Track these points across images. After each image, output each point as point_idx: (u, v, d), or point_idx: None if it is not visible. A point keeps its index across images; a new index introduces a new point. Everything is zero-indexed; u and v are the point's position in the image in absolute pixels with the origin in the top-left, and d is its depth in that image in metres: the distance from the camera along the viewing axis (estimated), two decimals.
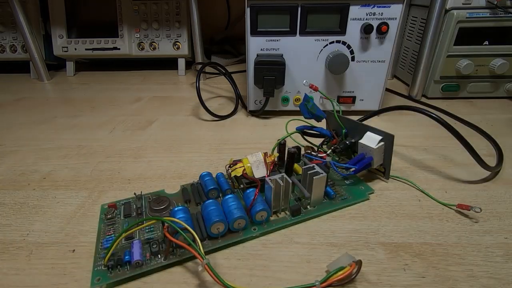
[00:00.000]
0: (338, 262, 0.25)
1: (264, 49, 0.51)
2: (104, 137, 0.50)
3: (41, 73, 0.80)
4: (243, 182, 0.34)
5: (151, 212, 0.31)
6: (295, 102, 0.56)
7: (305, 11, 0.48)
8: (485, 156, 0.37)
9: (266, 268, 0.27)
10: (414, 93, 0.63)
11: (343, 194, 0.34)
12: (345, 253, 0.26)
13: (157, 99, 0.67)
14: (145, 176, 0.39)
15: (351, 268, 0.24)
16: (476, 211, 0.30)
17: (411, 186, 0.37)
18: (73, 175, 0.40)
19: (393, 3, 0.48)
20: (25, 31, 0.74)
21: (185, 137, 0.50)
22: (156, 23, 0.80)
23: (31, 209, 0.34)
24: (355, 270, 0.24)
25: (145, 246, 0.27)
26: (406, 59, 0.72)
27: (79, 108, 0.62)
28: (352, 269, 0.24)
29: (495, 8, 0.54)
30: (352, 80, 0.54)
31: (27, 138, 0.50)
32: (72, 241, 0.29)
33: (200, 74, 0.57)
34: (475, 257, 0.27)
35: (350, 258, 0.25)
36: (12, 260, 0.27)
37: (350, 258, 0.25)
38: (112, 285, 0.25)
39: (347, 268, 0.24)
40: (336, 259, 0.25)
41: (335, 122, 0.39)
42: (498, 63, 0.57)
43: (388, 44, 0.51)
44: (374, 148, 0.34)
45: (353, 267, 0.24)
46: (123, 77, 0.84)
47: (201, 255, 0.24)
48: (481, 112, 0.58)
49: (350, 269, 0.24)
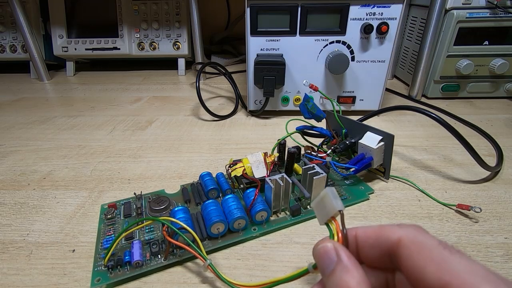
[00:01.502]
0: (322, 203, 0.19)
1: (264, 49, 0.52)
2: (104, 137, 0.50)
3: (41, 73, 0.80)
4: (243, 182, 0.34)
5: (151, 212, 0.31)
6: (295, 102, 0.56)
7: (305, 11, 0.48)
8: (485, 156, 0.37)
9: (266, 268, 0.27)
10: (414, 93, 0.63)
11: (343, 194, 0.34)
12: (328, 192, 0.18)
13: (157, 99, 0.67)
14: (145, 176, 0.39)
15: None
16: (476, 211, 0.30)
17: (411, 186, 0.37)
18: (73, 175, 0.40)
19: (393, 3, 0.48)
20: (25, 31, 0.74)
21: (185, 137, 0.50)
22: (156, 23, 0.80)
23: (31, 209, 0.34)
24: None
25: (145, 247, 0.27)
26: (406, 59, 0.72)
27: (79, 108, 0.62)
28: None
29: (495, 8, 0.54)
30: (352, 80, 0.54)
31: (27, 138, 0.50)
32: (72, 241, 0.29)
33: (200, 74, 0.57)
34: (475, 257, 0.27)
35: (334, 200, 0.18)
36: (12, 260, 0.27)
37: (334, 200, 0.18)
38: (112, 285, 0.25)
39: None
40: (320, 199, 0.19)
41: (335, 122, 0.39)
42: (498, 63, 0.57)
43: (388, 44, 0.51)
44: (374, 148, 0.34)
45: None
46: (123, 77, 0.84)
47: (203, 256, 0.24)
48: (481, 112, 0.57)
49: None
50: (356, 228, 0.18)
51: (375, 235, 0.17)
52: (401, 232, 0.16)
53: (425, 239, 0.15)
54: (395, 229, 0.17)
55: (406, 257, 0.15)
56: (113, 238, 0.28)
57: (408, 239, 0.16)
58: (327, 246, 0.17)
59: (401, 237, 0.16)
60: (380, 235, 0.17)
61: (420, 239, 0.15)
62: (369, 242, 0.18)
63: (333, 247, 0.17)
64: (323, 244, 0.17)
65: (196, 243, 0.25)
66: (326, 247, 0.17)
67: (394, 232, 0.16)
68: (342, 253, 0.16)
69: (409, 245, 0.15)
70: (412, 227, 0.16)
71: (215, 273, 0.24)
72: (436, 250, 0.15)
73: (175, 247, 0.27)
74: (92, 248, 0.28)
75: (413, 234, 0.16)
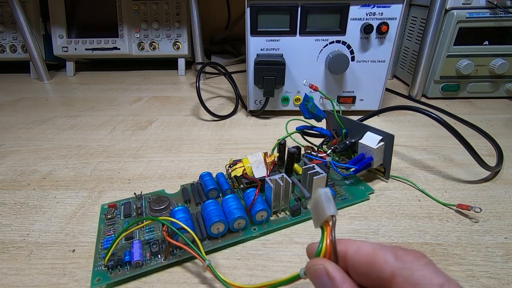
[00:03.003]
0: (316, 205, 0.18)
1: (264, 49, 0.51)
2: (104, 137, 0.50)
3: (41, 73, 0.80)
4: (243, 182, 0.34)
5: (151, 212, 0.31)
6: (295, 102, 0.56)
7: (305, 11, 0.48)
8: (485, 156, 0.37)
9: (266, 268, 0.27)
10: (414, 93, 0.63)
11: (343, 194, 0.34)
12: (321, 194, 0.17)
13: (157, 99, 0.67)
14: (145, 176, 0.39)
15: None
16: (476, 211, 0.30)
17: (411, 186, 0.37)
18: (73, 175, 0.40)
19: (393, 3, 0.48)
20: (25, 31, 0.74)
21: (185, 137, 0.50)
22: (156, 23, 0.80)
23: (31, 209, 0.34)
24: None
25: (145, 246, 0.27)
26: (406, 59, 0.72)
27: (79, 108, 0.62)
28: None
29: (495, 8, 0.54)
30: (352, 80, 0.54)
31: (27, 138, 0.50)
32: (72, 241, 0.29)
33: (200, 74, 0.57)
34: (475, 257, 0.27)
35: (327, 204, 0.17)
36: (12, 260, 0.27)
37: (328, 204, 0.17)
38: (112, 285, 0.25)
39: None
40: (314, 201, 0.18)
41: (335, 122, 0.39)
42: (498, 63, 0.57)
43: (388, 44, 0.51)
44: (374, 148, 0.34)
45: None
46: (123, 77, 0.84)
47: (202, 257, 0.24)
48: (481, 112, 0.58)
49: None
50: (347, 244, 0.17)
51: (366, 263, 0.15)
52: (396, 265, 0.14)
53: (422, 279, 0.13)
54: (390, 260, 0.15)
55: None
56: (113, 238, 0.28)
57: (403, 278, 0.14)
58: (319, 268, 0.16)
59: (395, 273, 0.14)
60: (372, 265, 0.15)
61: (416, 277, 0.13)
62: (359, 269, 0.16)
63: (324, 270, 0.15)
64: (315, 266, 0.16)
65: (195, 243, 0.25)
66: (318, 270, 0.16)
67: (389, 265, 0.14)
68: (335, 276, 0.15)
69: (403, 285, 0.13)
70: (411, 257, 0.14)
71: (213, 273, 0.23)
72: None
73: (175, 247, 0.27)
74: (92, 248, 0.28)
75: (409, 272, 0.14)
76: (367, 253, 0.16)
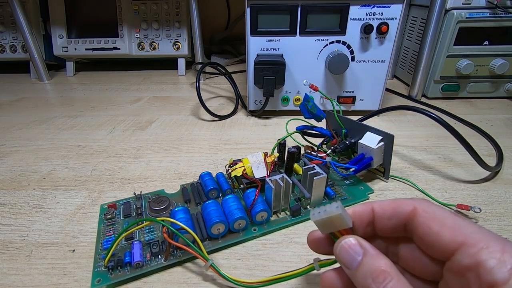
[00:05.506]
0: (330, 221, 0.19)
1: (264, 49, 0.51)
2: (104, 137, 0.50)
3: (41, 73, 0.80)
4: (243, 182, 0.34)
5: (151, 212, 0.31)
6: (295, 102, 0.56)
7: (305, 11, 0.48)
8: (485, 156, 0.37)
9: (266, 268, 0.27)
10: (414, 93, 0.63)
11: (343, 194, 0.34)
12: (341, 213, 0.18)
13: (157, 99, 0.67)
14: (145, 176, 0.39)
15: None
16: (476, 211, 0.30)
17: (411, 186, 0.37)
18: (73, 175, 0.40)
19: (393, 3, 0.48)
20: (25, 31, 0.74)
21: (185, 137, 0.50)
22: (156, 23, 0.80)
23: (31, 209, 0.34)
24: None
25: (145, 247, 0.27)
26: (406, 59, 0.72)
27: (79, 108, 0.62)
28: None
29: (495, 8, 0.54)
30: (352, 80, 0.54)
31: (27, 138, 0.50)
32: (72, 241, 0.29)
33: (200, 74, 0.57)
34: None
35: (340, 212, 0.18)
36: (12, 260, 0.27)
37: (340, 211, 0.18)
38: (112, 285, 0.25)
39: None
40: (327, 218, 0.19)
41: (335, 122, 0.39)
42: (498, 63, 0.57)
43: (388, 44, 0.51)
44: (374, 148, 0.34)
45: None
46: (123, 77, 0.84)
47: (204, 257, 0.24)
48: (481, 112, 0.57)
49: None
50: (372, 203, 0.20)
51: (391, 208, 0.19)
52: (415, 203, 0.18)
53: (436, 208, 0.17)
54: (409, 201, 0.18)
55: (421, 224, 0.17)
56: (113, 238, 0.28)
57: (422, 209, 0.18)
58: (351, 241, 0.18)
59: (415, 207, 0.18)
60: (396, 207, 0.19)
61: (432, 208, 0.17)
62: (386, 215, 0.19)
63: (357, 242, 0.18)
64: (346, 239, 0.18)
65: (196, 243, 0.25)
66: (350, 242, 0.18)
67: (409, 204, 0.18)
68: (366, 245, 0.18)
69: (423, 213, 0.17)
70: (423, 199, 0.18)
71: (218, 272, 0.24)
72: (449, 216, 0.17)
73: (175, 247, 0.27)
74: (92, 248, 0.28)
75: (426, 204, 0.18)
76: (389, 203, 0.19)
